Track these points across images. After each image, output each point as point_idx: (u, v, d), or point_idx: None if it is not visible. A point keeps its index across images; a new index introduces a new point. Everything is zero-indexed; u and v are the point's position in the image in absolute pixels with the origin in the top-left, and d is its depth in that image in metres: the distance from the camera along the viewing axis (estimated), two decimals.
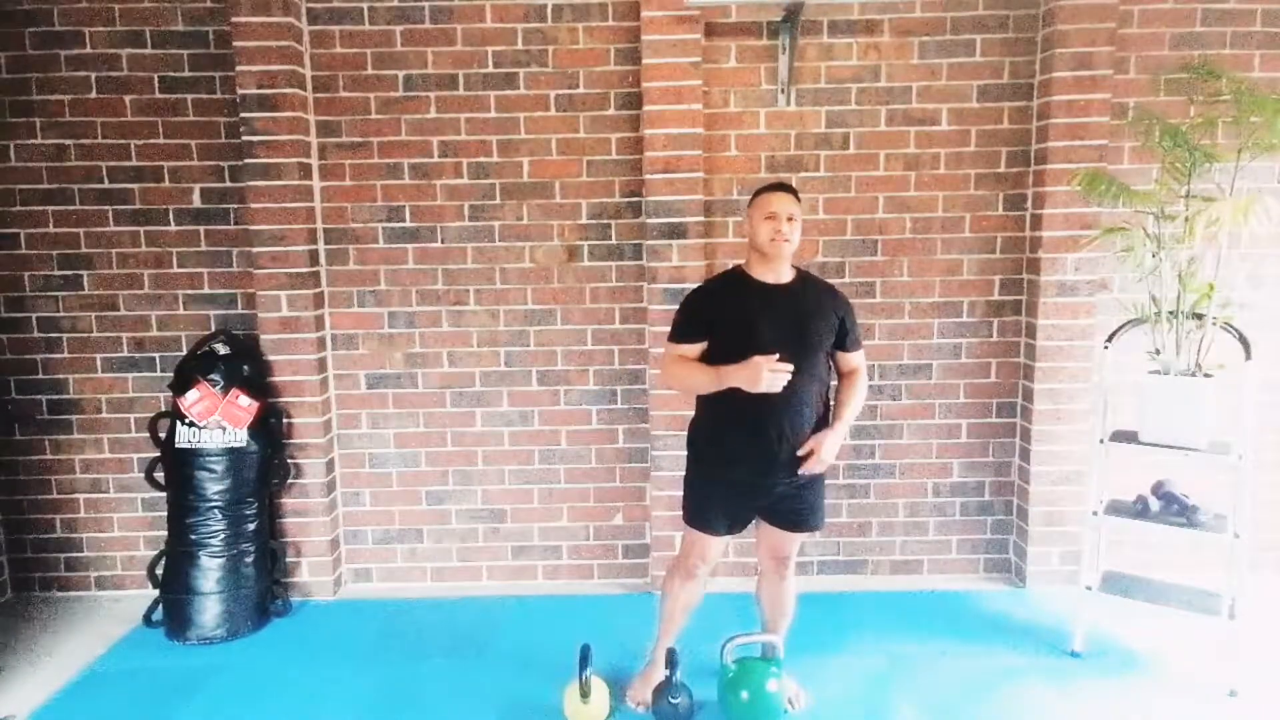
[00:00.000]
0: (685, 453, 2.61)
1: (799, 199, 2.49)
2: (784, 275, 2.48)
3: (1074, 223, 3.31)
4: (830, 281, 2.65)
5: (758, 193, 2.50)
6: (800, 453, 2.42)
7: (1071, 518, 3.46)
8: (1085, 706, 2.72)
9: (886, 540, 3.67)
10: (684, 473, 2.64)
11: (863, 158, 3.44)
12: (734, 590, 3.25)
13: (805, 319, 2.44)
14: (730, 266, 2.61)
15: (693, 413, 2.61)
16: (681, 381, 2.51)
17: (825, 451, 2.42)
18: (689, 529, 2.60)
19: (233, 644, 3.20)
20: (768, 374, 2.28)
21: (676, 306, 2.87)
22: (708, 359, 2.45)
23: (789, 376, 2.31)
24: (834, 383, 2.61)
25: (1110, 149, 3.31)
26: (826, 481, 2.64)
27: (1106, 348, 3.01)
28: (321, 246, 3.50)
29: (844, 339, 2.52)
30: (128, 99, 3.41)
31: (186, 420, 3.21)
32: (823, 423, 2.49)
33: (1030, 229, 3.44)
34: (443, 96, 3.43)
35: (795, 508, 2.53)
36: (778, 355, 2.31)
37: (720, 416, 2.48)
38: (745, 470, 2.46)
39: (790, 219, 2.41)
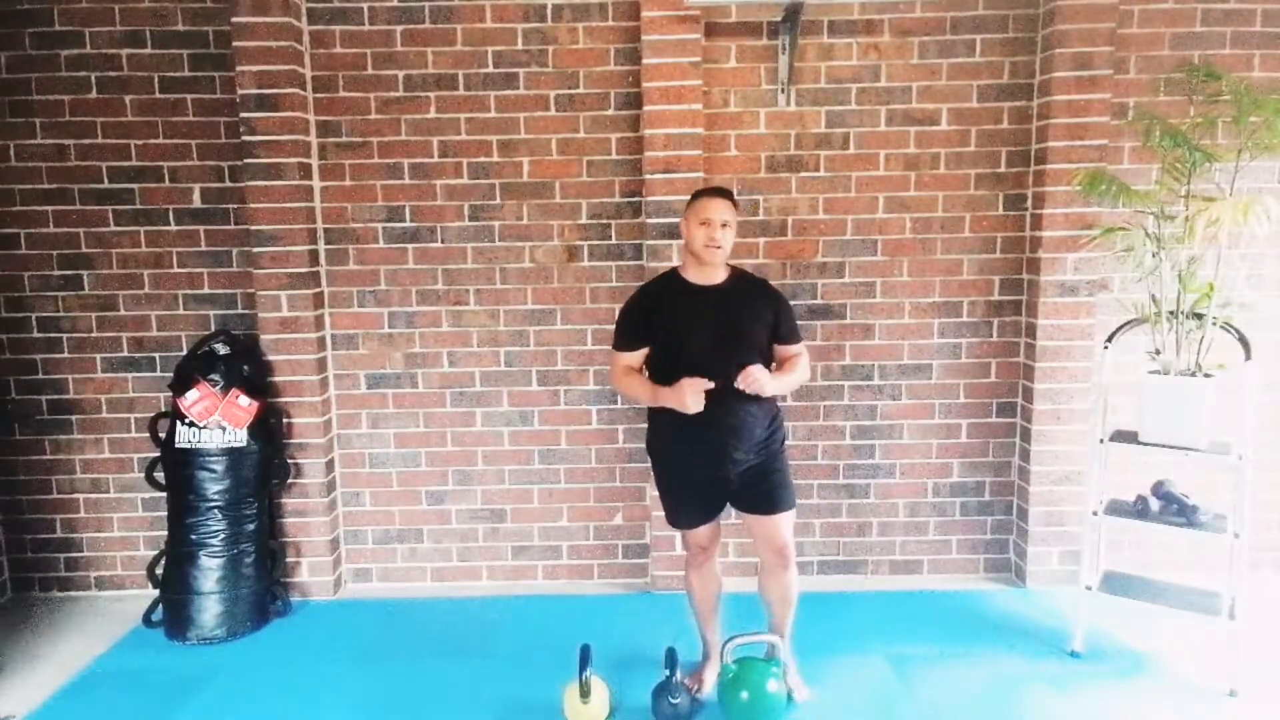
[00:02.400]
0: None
1: (736, 204, 2.58)
2: (717, 276, 2.57)
3: (1074, 223, 3.31)
4: (763, 277, 2.75)
5: (695, 196, 2.58)
6: (738, 384, 2.43)
7: (1071, 518, 3.46)
8: (1085, 706, 2.72)
9: (886, 540, 3.67)
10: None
11: (863, 158, 3.44)
12: (739, 590, 3.24)
13: (736, 319, 2.53)
14: (667, 269, 2.69)
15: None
16: (626, 392, 2.68)
17: (761, 375, 2.42)
18: (675, 529, 2.75)
19: (233, 644, 3.20)
20: (693, 397, 2.40)
21: None
22: (649, 363, 2.61)
23: (710, 388, 2.40)
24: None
25: (1110, 149, 3.31)
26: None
27: (1106, 348, 3.01)
28: (321, 246, 3.50)
29: (778, 332, 2.59)
30: (128, 99, 3.41)
31: (186, 420, 3.21)
32: (770, 416, 2.59)
33: (1030, 229, 3.44)
34: (443, 96, 3.43)
35: (762, 490, 2.59)
36: (708, 373, 2.41)
37: (669, 424, 2.56)
38: (701, 470, 2.56)
39: (725, 225, 2.50)
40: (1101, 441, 2.94)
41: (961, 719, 2.67)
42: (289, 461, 3.45)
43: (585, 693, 2.58)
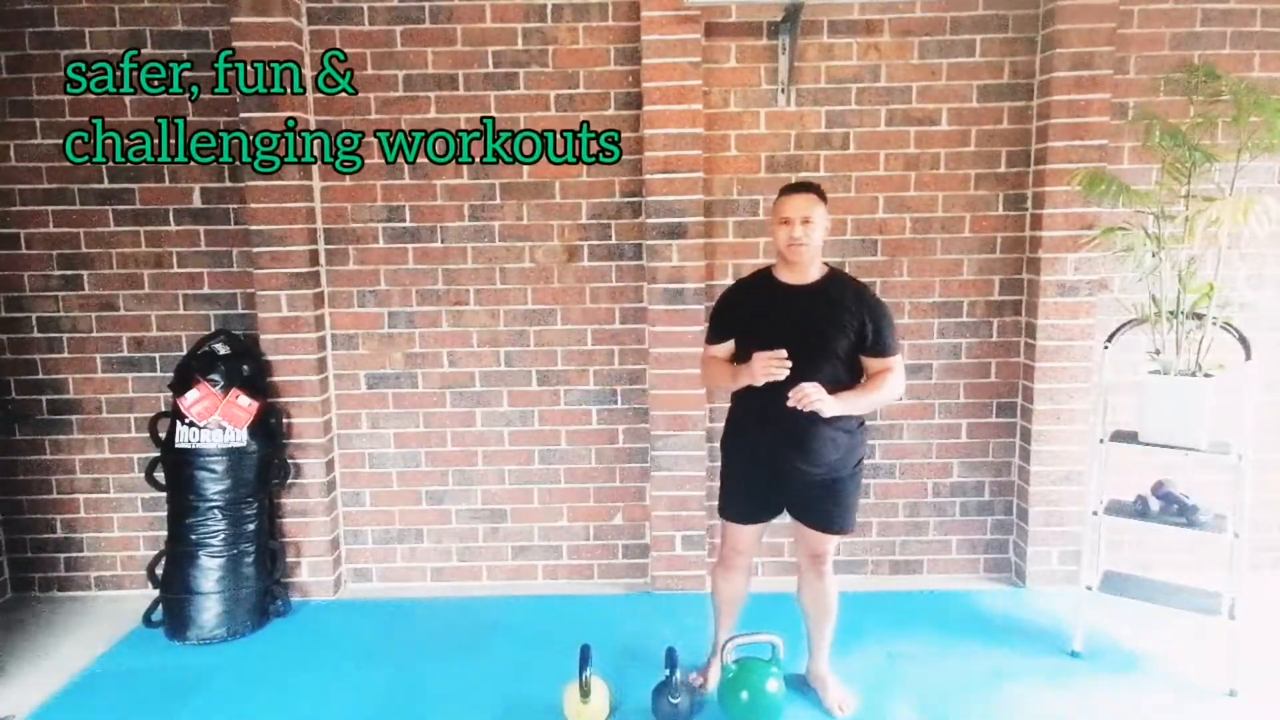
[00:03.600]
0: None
1: (822, 195, 2.47)
2: (809, 276, 2.49)
3: (1074, 223, 3.31)
4: (863, 283, 2.58)
5: (779, 194, 2.50)
6: (791, 403, 2.33)
7: (1071, 518, 3.46)
8: (1085, 706, 2.72)
9: (886, 540, 3.67)
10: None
11: (863, 158, 3.44)
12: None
13: (818, 324, 2.44)
14: (765, 265, 2.65)
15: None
16: (709, 381, 2.71)
17: (815, 393, 2.31)
18: (720, 520, 2.71)
19: (233, 644, 3.20)
20: (762, 365, 2.33)
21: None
22: (735, 361, 2.55)
23: (787, 367, 2.30)
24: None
25: (1110, 149, 3.31)
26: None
27: (1106, 348, 3.01)
28: (321, 246, 3.50)
29: (865, 343, 2.44)
30: (128, 99, 3.40)
31: (186, 420, 3.21)
32: (848, 428, 2.49)
33: (1030, 229, 3.44)
34: (443, 96, 3.43)
35: (823, 508, 2.55)
36: (785, 352, 2.32)
37: (740, 416, 2.60)
38: (764, 466, 2.54)
39: (807, 221, 2.40)
40: (1101, 441, 2.94)
41: (961, 719, 2.67)
42: (289, 461, 3.45)
43: (585, 693, 2.58)
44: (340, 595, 3.63)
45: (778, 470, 2.52)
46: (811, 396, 2.30)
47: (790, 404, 2.32)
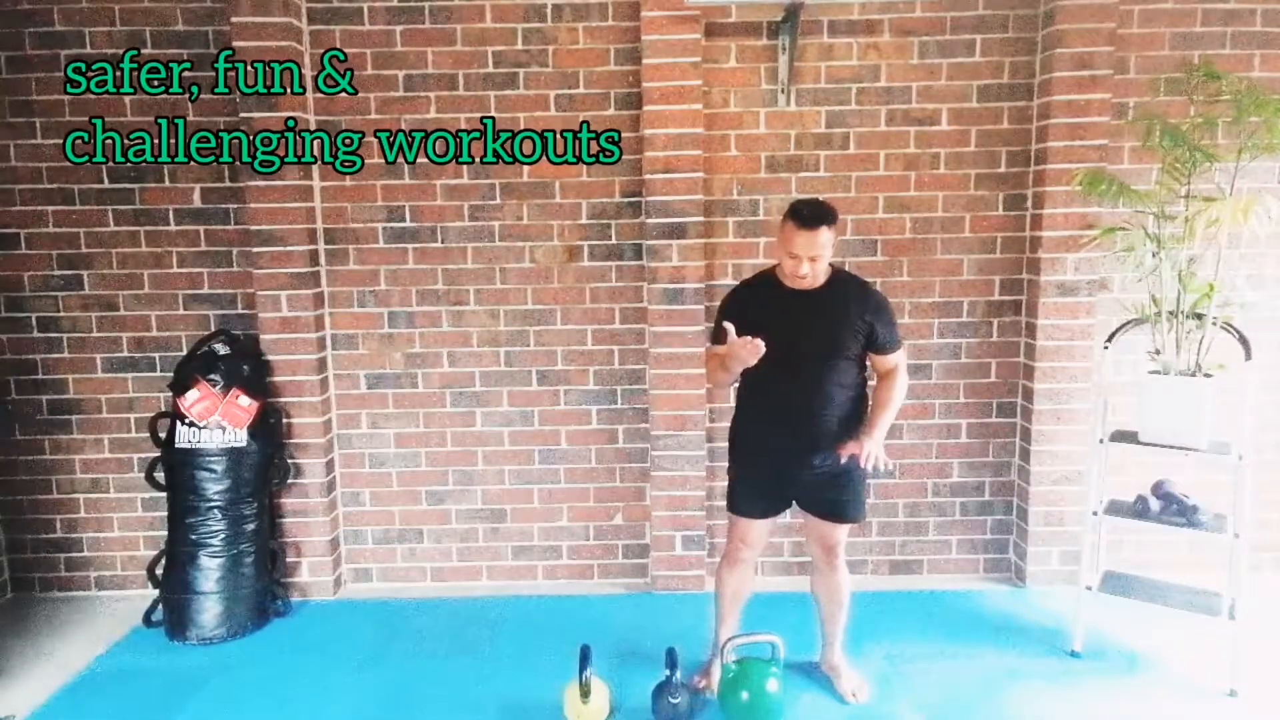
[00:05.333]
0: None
1: (832, 224, 2.41)
2: (815, 281, 2.50)
3: (1074, 223, 3.31)
4: (866, 281, 2.63)
5: (788, 218, 2.42)
6: (843, 459, 2.50)
7: (1071, 518, 3.46)
8: (1085, 706, 2.72)
9: (886, 540, 3.67)
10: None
11: (863, 158, 3.44)
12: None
13: (825, 324, 2.48)
14: (767, 267, 2.65)
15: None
16: (713, 379, 2.66)
17: (867, 452, 2.45)
18: (729, 514, 2.74)
19: (233, 644, 3.20)
20: (750, 348, 2.31)
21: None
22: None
23: (761, 348, 2.31)
24: (873, 383, 2.64)
25: (1110, 149, 3.31)
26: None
27: (1106, 348, 3.01)
28: (321, 246, 3.50)
29: (874, 342, 2.51)
30: (128, 99, 3.40)
31: (186, 420, 3.21)
32: (853, 421, 2.55)
33: (1030, 229, 3.44)
34: (443, 96, 3.43)
35: (830, 498, 2.60)
36: (792, 378, 2.44)
37: (749, 412, 2.64)
38: (773, 461, 2.60)
39: (814, 259, 2.40)
40: (1101, 441, 2.94)
41: (961, 719, 2.67)
42: (289, 461, 3.45)
43: (585, 693, 2.58)
44: (340, 595, 3.63)
45: (787, 464, 2.57)
46: (875, 457, 2.44)
47: (865, 467, 2.45)
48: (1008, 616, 3.32)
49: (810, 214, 2.39)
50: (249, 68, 3.22)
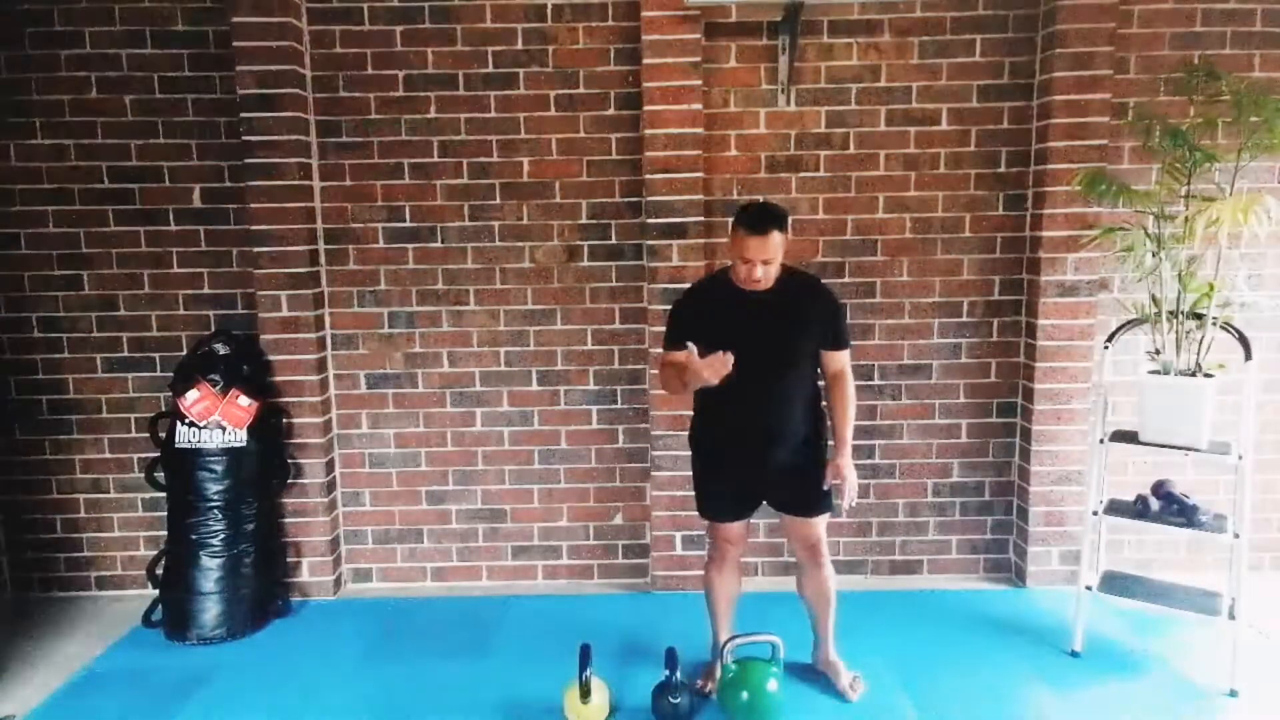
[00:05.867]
0: (688, 451, 2.79)
1: (783, 224, 2.40)
2: (768, 283, 2.49)
3: (1074, 223, 3.31)
4: (817, 278, 2.68)
5: (738, 223, 2.40)
6: (826, 486, 2.57)
7: (1071, 518, 3.46)
8: (1085, 706, 2.72)
9: (886, 540, 3.67)
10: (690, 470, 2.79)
11: (863, 158, 3.44)
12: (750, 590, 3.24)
13: (781, 326, 2.50)
14: (720, 268, 2.65)
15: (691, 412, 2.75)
16: (666, 386, 2.60)
17: (847, 476, 2.54)
18: (703, 519, 2.77)
19: (233, 644, 3.20)
20: (713, 368, 2.33)
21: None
22: None
23: (728, 366, 2.32)
24: (823, 384, 2.67)
25: (1110, 149, 3.31)
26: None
27: (1107, 348, 3.01)
28: (321, 246, 3.50)
29: (826, 338, 2.56)
30: (128, 99, 3.41)
31: (186, 420, 3.21)
32: (809, 419, 2.60)
33: (1030, 229, 3.44)
34: (443, 96, 3.43)
35: (799, 495, 2.63)
36: (751, 379, 2.43)
37: (710, 417, 2.66)
38: (737, 463, 2.61)
39: (766, 262, 2.39)
40: (1101, 441, 2.94)
41: (962, 719, 2.67)
42: (289, 461, 3.45)
43: (585, 693, 2.58)
44: (340, 595, 3.63)
45: (748, 465, 2.60)
46: (850, 483, 2.54)
47: (845, 503, 2.56)
48: (1008, 616, 3.32)
49: (760, 218, 2.38)
50: (249, 68, 3.22)
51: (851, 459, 2.58)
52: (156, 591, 3.33)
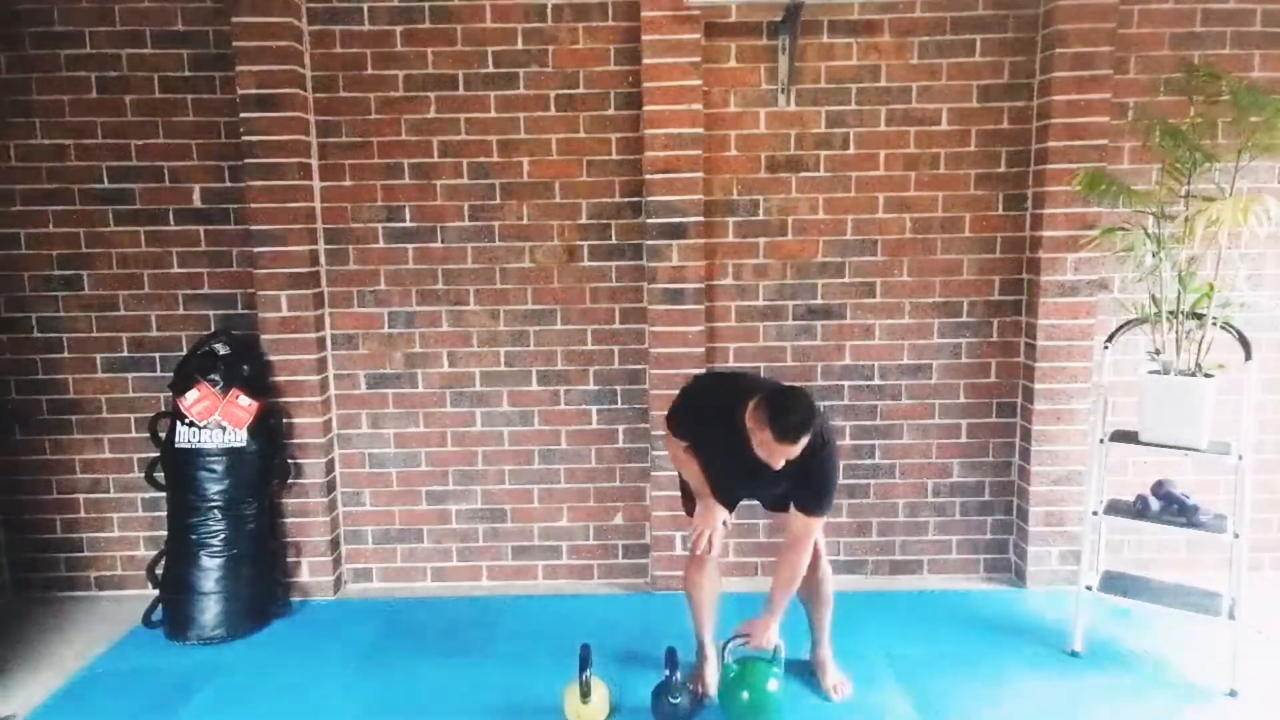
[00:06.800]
0: None
1: (814, 429, 2.29)
2: None
3: (1074, 223, 3.31)
4: (823, 438, 2.41)
5: (774, 427, 2.23)
6: (740, 640, 2.62)
7: (1071, 518, 3.46)
8: (1085, 706, 2.72)
9: (886, 540, 3.67)
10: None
11: (863, 158, 3.44)
12: (737, 590, 3.24)
13: (769, 483, 2.51)
14: (734, 408, 2.39)
15: None
16: (680, 468, 2.70)
17: (770, 639, 2.58)
18: (687, 516, 2.75)
19: (233, 644, 3.20)
20: (701, 519, 2.59)
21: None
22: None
23: (722, 537, 2.61)
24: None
25: (1110, 149, 3.31)
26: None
27: (1107, 348, 3.01)
28: (321, 246, 3.50)
29: (799, 493, 2.49)
30: (128, 99, 3.41)
31: (186, 420, 3.21)
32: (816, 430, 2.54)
33: (1030, 229, 3.44)
34: (443, 96, 3.43)
35: (799, 491, 2.53)
36: (730, 498, 2.64)
37: (701, 461, 2.64)
38: (725, 465, 2.60)
39: (789, 461, 2.33)
40: (1101, 441, 2.94)
41: (961, 719, 2.67)
42: (289, 461, 3.45)
43: (585, 693, 2.58)
44: (340, 595, 3.63)
45: (740, 468, 2.52)
46: (773, 642, 2.58)
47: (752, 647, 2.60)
48: (1008, 617, 3.32)
49: (799, 431, 2.24)
50: (249, 68, 3.22)
51: (776, 626, 2.57)
52: (156, 592, 3.33)
